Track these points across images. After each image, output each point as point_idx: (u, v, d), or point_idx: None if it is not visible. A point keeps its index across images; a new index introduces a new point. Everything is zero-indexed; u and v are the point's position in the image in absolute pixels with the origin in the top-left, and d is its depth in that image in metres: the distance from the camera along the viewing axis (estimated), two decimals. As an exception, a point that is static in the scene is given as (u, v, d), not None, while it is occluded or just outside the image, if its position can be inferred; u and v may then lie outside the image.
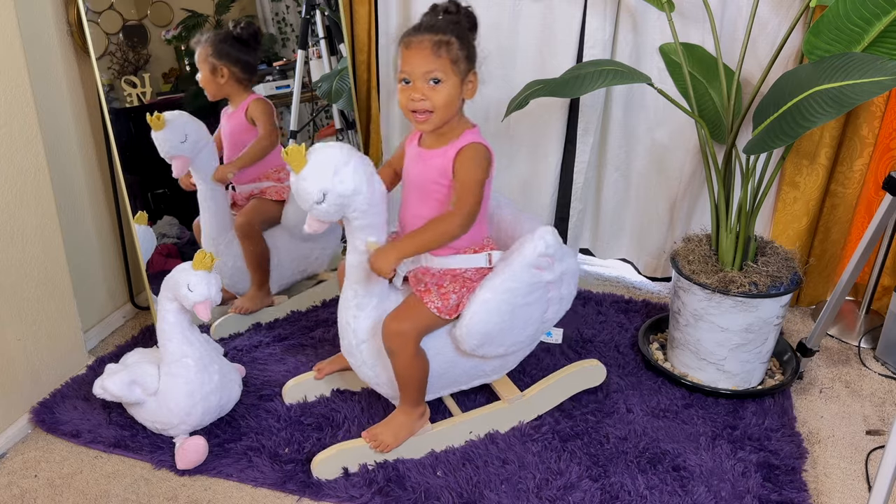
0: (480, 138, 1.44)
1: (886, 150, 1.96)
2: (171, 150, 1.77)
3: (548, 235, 1.44)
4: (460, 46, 1.37)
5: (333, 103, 2.18)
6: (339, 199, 1.31)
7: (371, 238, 1.39)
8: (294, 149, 1.28)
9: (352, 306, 1.45)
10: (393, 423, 1.51)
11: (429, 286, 1.45)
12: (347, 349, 1.50)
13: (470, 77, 1.41)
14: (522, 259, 1.43)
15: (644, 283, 2.34)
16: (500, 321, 1.44)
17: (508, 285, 1.42)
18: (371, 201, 1.35)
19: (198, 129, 1.82)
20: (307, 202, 1.31)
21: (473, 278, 1.48)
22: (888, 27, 1.44)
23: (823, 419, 1.71)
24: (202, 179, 1.86)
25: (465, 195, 1.39)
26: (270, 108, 1.98)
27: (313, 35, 2.13)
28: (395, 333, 1.41)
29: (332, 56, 2.17)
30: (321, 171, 1.30)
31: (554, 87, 1.71)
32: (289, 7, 2.10)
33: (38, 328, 1.68)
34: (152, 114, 1.72)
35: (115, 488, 1.48)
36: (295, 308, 2.10)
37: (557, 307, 1.54)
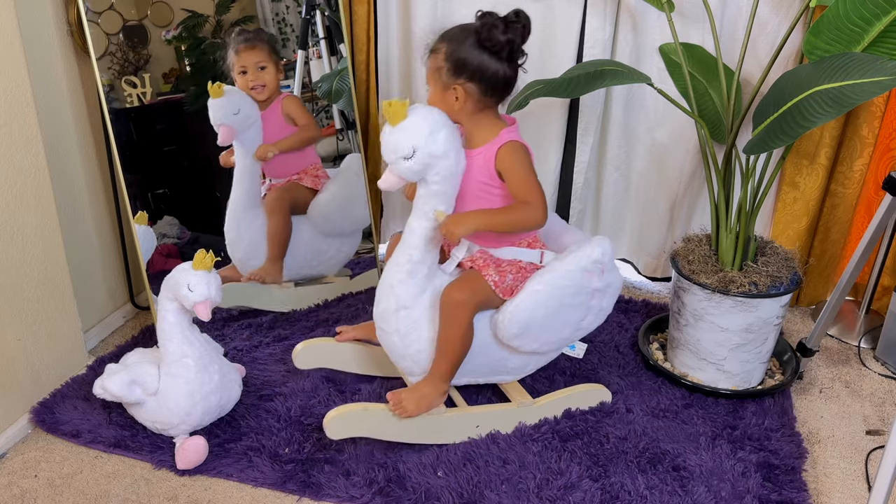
0: (517, 136, 1.48)
1: (886, 150, 1.96)
2: (223, 118, 1.87)
3: (605, 244, 1.50)
4: (446, 57, 1.42)
5: (333, 103, 2.18)
6: (427, 159, 1.36)
7: (441, 207, 1.43)
8: (397, 102, 1.34)
9: (402, 271, 1.46)
10: (417, 392, 1.52)
11: (487, 262, 1.50)
12: (383, 314, 1.50)
13: (455, 85, 1.43)
14: (577, 261, 1.48)
15: (644, 283, 2.34)
16: (544, 315, 1.48)
17: (560, 283, 1.47)
18: (454, 171, 1.41)
19: (251, 107, 1.94)
20: (395, 154, 1.36)
21: (528, 269, 1.53)
22: (888, 27, 1.44)
23: (823, 419, 1.71)
24: (244, 154, 1.93)
25: (529, 186, 1.45)
26: (301, 102, 2.06)
27: (313, 35, 2.13)
28: (455, 301, 1.45)
29: (332, 56, 2.17)
30: (418, 127, 1.35)
31: (554, 87, 1.71)
32: (289, 7, 2.10)
33: (38, 328, 1.68)
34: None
35: (115, 488, 1.48)
36: (295, 308, 2.11)
37: (595, 318, 1.58)
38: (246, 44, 1.93)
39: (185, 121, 1.96)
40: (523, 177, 1.45)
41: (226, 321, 2.03)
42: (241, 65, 1.94)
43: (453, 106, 1.45)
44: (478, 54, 1.40)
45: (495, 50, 1.40)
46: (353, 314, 2.07)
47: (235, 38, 1.95)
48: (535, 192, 1.45)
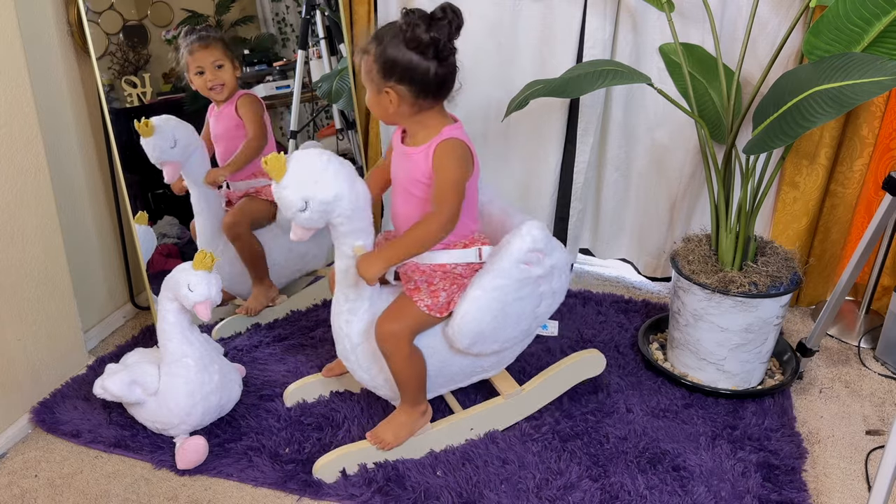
0: (458, 133, 1.41)
1: (886, 150, 1.96)
2: (161, 156, 1.77)
3: (535, 230, 1.42)
4: (375, 59, 1.35)
5: (333, 103, 2.18)
6: (322, 206, 1.31)
7: (358, 242, 1.38)
8: (273, 157, 1.28)
9: (344, 311, 1.45)
10: (394, 423, 1.52)
11: (418, 284, 1.45)
12: (343, 354, 1.50)
13: (386, 88, 1.36)
14: (510, 255, 1.41)
15: (644, 283, 2.34)
16: (492, 319, 1.44)
17: (498, 283, 1.41)
18: (355, 206, 1.35)
19: (187, 132, 1.81)
20: (290, 210, 1.31)
21: (464, 274, 1.47)
22: (888, 27, 1.44)
23: (823, 419, 1.71)
24: (194, 183, 1.85)
25: (443, 196, 1.37)
26: (260, 104, 1.96)
27: (313, 35, 2.13)
28: (388, 334, 1.42)
29: (332, 56, 2.17)
30: (302, 178, 1.29)
31: (554, 87, 1.71)
32: (289, 7, 2.10)
33: (39, 328, 1.68)
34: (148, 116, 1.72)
35: (115, 488, 1.48)
36: (295, 308, 2.10)
37: (550, 301, 1.53)
38: (200, 42, 1.86)
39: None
40: (444, 183, 1.37)
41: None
42: (196, 65, 1.86)
43: (388, 108, 1.39)
44: (405, 54, 1.33)
45: (421, 49, 1.32)
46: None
47: (187, 38, 1.87)
48: (447, 201, 1.37)
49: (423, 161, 1.40)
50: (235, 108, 1.92)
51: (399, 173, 1.47)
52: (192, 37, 1.87)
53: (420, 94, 1.36)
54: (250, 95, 1.94)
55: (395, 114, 1.40)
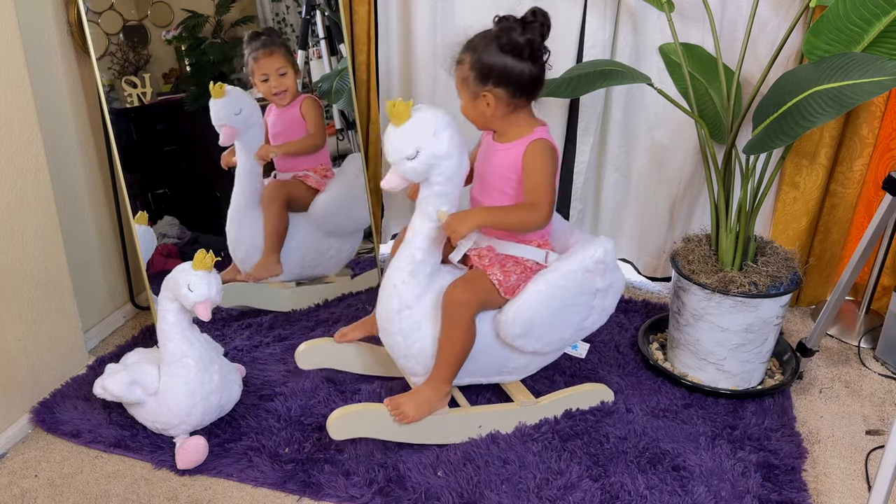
0: (548, 135, 1.49)
1: (886, 150, 1.96)
2: (225, 118, 1.88)
3: (607, 244, 1.51)
4: (471, 67, 1.44)
5: (333, 103, 2.18)
6: (430, 160, 1.37)
7: (444, 207, 1.43)
8: (401, 102, 1.35)
9: (405, 271, 1.47)
10: (418, 396, 1.52)
11: (493, 261, 1.50)
12: (386, 314, 1.50)
13: (484, 92, 1.44)
14: (580, 261, 1.49)
15: (644, 283, 2.34)
16: (546, 314, 1.48)
17: (562, 282, 1.48)
18: (457, 171, 1.41)
19: (253, 107, 1.94)
20: (398, 155, 1.37)
21: (533, 268, 1.53)
22: (888, 27, 1.44)
23: (823, 419, 1.71)
24: (245, 154, 1.93)
25: (541, 189, 1.45)
26: (321, 107, 2.07)
27: (313, 35, 2.13)
28: (458, 301, 1.46)
29: (333, 56, 2.17)
30: (422, 128, 1.36)
31: (554, 87, 1.71)
32: (289, 7, 2.10)
33: (39, 328, 1.68)
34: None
35: (115, 488, 1.48)
36: (296, 307, 2.11)
37: (597, 317, 1.58)
38: (264, 49, 1.95)
39: (185, 121, 1.96)
40: (539, 177, 1.46)
41: (226, 321, 2.03)
42: (262, 72, 1.96)
43: (485, 113, 1.47)
44: (501, 58, 1.41)
45: (517, 52, 1.41)
46: (353, 314, 2.07)
47: (252, 44, 1.96)
48: (544, 194, 1.45)
49: (514, 157, 1.47)
50: (300, 109, 2.02)
51: (487, 169, 1.53)
52: (255, 43, 1.95)
53: (516, 95, 1.44)
54: (314, 99, 2.05)
55: (492, 116, 1.47)
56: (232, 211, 1.97)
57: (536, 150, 1.46)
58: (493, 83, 1.43)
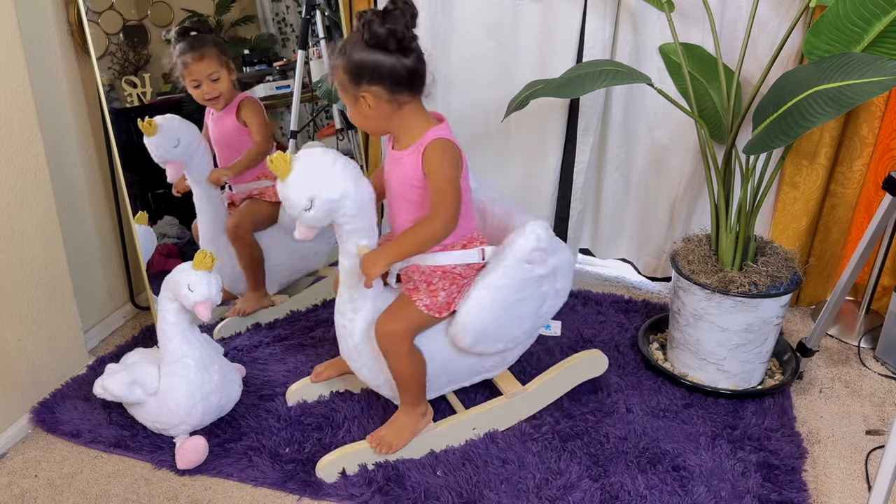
0: (444, 133, 1.40)
1: (886, 150, 1.96)
2: (165, 155, 1.77)
3: (539, 229, 1.43)
4: (343, 70, 1.36)
5: (333, 103, 2.18)
6: (327, 205, 1.32)
7: (363, 241, 1.39)
8: (279, 156, 1.28)
9: (347, 310, 1.45)
10: (396, 424, 1.52)
11: (417, 284, 1.45)
12: (346, 352, 1.51)
13: (361, 93, 1.36)
14: (514, 255, 1.42)
15: (644, 283, 2.34)
16: (495, 318, 1.44)
17: (501, 282, 1.42)
18: (359, 205, 1.35)
19: (190, 132, 1.81)
20: (295, 209, 1.31)
21: (464, 274, 1.47)
22: (888, 27, 1.44)
23: (823, 419, 1.71)
24: (196, 183, 1.86)
25: (441, 195, 1.38)
26: (261, 107, 1.95)
27: (313, 35, 2.13)
28: (387, 334, 1.42)
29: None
30: (307, 177, 1.30)
31: (554, 87, 1.71)
32: (289, 7, 2.10)
33: (39, 328, 1.68)
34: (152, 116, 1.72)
35: (115, 488, 1.48)
36: (295, 308, 2.10)
37: (553, 301, 1.54)
38: (193, 53, 1.82)
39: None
40: (440, 182, 1.38)
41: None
42: (192, 78, 1.85)
43: (369, 115, 1.38)
44: (368, 54, 1.33)
45: (382, 45, 1.31)
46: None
47: (179, 44, 1.83)
48: (446, 200, 1.37)
49: (412, 164, 1.40)
50: (237, 112, 1.91)
51: (392, 179, 1.46)
52: (183, 45, 1.83)
53: (395, 90, 1.35)
54: (251, 100, 1.93)
55: (376, 117, 1.39)
56: (203, 242, 1.90)
57: (433, 153, 1.38)
58: (366, 82, 1.34)
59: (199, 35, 1.85)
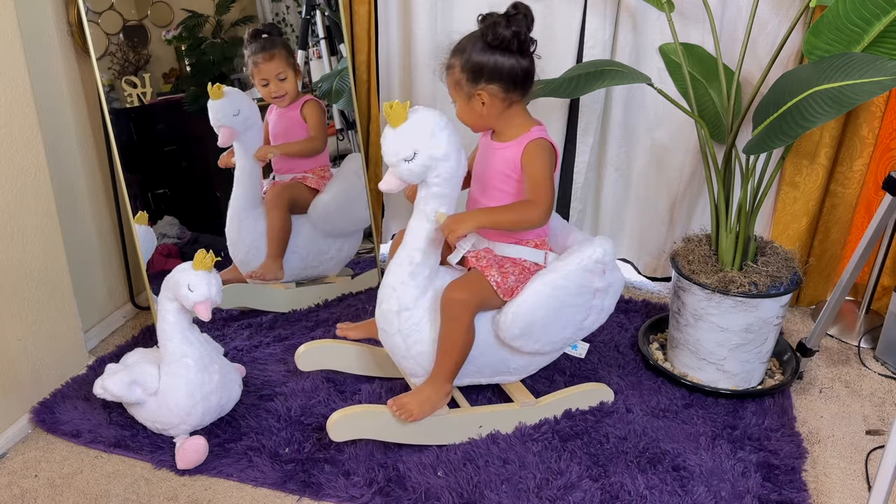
0: (546, 135, 1.50)
1: (886, 150, 1.96)
2: (223, 119, 1.88)
3: (606, 244, 1.51)
4: (461, 69, 1.44)
5: (333, 103, 2.18)
6: (428, 161, 1.37)
7: (442, 209, 1.43)
8: (398, 104, 1.35)
9: (403, 272, 1.46)
10: (420, 395, 1.52)
11: (491, 262, 1.50)
12: (385, 315, 1.50)
13: (477, 91, 1.45)
14: (579, 261, 1.49)
15: (644, 283, 2.34)
16: (545, 315, 1.48)
17: (561, 283, 1.48)
18: (454, 173, 1.41)
19: (251, 108, 1.94)
20: (396, 157, 1.37)
21: (531, 269, 1.53)
22: (888, 27, 1.44)
23: (823, 419, 1.71)
24: (244, 155, 1.94)
25: (540, 187, 1.46)
26: (323, 109, 2.07)
27: (313, 35, 2.13)
28: (457, 301, 1.46)
29: (333, 56, 2.17)
30: (419, 129, 1.36)
31: (554, 87, 1.71)
32: (289, 7, 2.10)
33: (39, 328, 1.68)
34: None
35: (115, 488, 1.48)
36: (296, 307, 2.11)
37: (597, 317, 1.58)
38: (264, 53, 1.94)
39: (185, 121, 1.96)
40: (539, 175, 1.46)
41: (226, 321, 2.03)
42: (261, 77, 1.97)
43: (482, 112, 1.47)
44: (490, 55, 1.42)
45: (504, 46, 1.41)
46: (353, 314, 2.07)
47: (252, 45, 1.95)
48: (544, 192, 1.45)
49: (512, 155, 1.48)
50: (301, 111, 2.02)
51: (486, 169, 1.53)
52: (255, 45, 1.95)
53: (509, 90, 1.45)
54: (317, 101, 2.06)
55: (488, 115, 1.47)
56: (231, 212, 1.97)
57: (535, 149, 1.47)
58: (485, 80, 1.43)
59: (270, 37, 1.97)
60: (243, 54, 1.97)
